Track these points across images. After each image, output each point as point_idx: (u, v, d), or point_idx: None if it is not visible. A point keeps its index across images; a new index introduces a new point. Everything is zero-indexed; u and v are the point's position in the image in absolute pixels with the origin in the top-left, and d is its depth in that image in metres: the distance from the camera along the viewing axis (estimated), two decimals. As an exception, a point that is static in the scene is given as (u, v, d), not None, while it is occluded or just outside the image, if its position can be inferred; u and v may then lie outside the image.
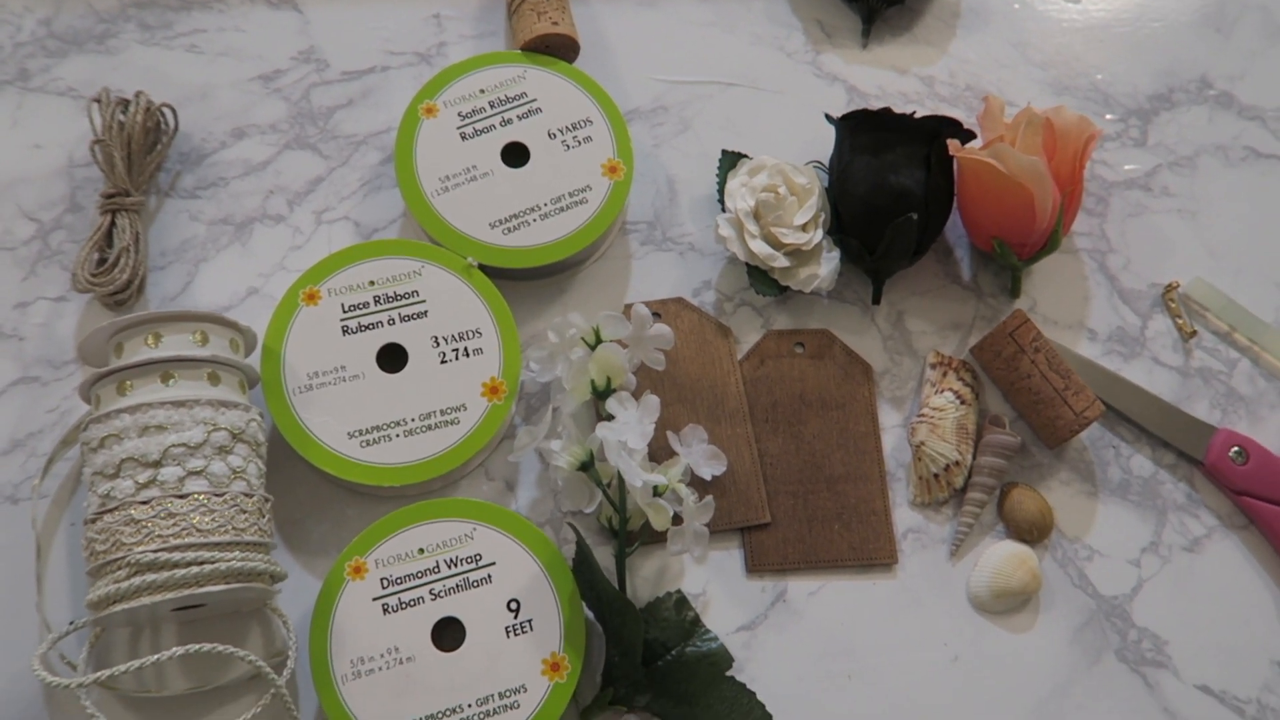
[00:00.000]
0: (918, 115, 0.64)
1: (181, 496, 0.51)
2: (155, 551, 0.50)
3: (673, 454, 0.61)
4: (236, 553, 0.52)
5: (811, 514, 0.64)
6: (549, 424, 0.60)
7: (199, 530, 0.51)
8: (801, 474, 0.64)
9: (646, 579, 0.62)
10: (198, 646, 0.51)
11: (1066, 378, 0.63)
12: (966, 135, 0.65)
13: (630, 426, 0.58)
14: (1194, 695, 0.62)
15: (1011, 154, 0.61)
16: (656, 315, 0.67)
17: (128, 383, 0.53)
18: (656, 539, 0.62)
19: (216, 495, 0.52)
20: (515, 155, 0.66)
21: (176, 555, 0.50)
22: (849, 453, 0.65)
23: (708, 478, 0.61)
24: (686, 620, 0.61)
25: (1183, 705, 0.62)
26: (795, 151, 0.69)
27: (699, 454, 0.61)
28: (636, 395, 0.61)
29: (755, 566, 0.63)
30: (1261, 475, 0.65)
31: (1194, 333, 0.69)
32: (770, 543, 0.63)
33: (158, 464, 0.51)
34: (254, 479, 0.55)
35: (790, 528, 0.63)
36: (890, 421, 0.66)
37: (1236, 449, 0.65)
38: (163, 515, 0.51)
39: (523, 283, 0.66)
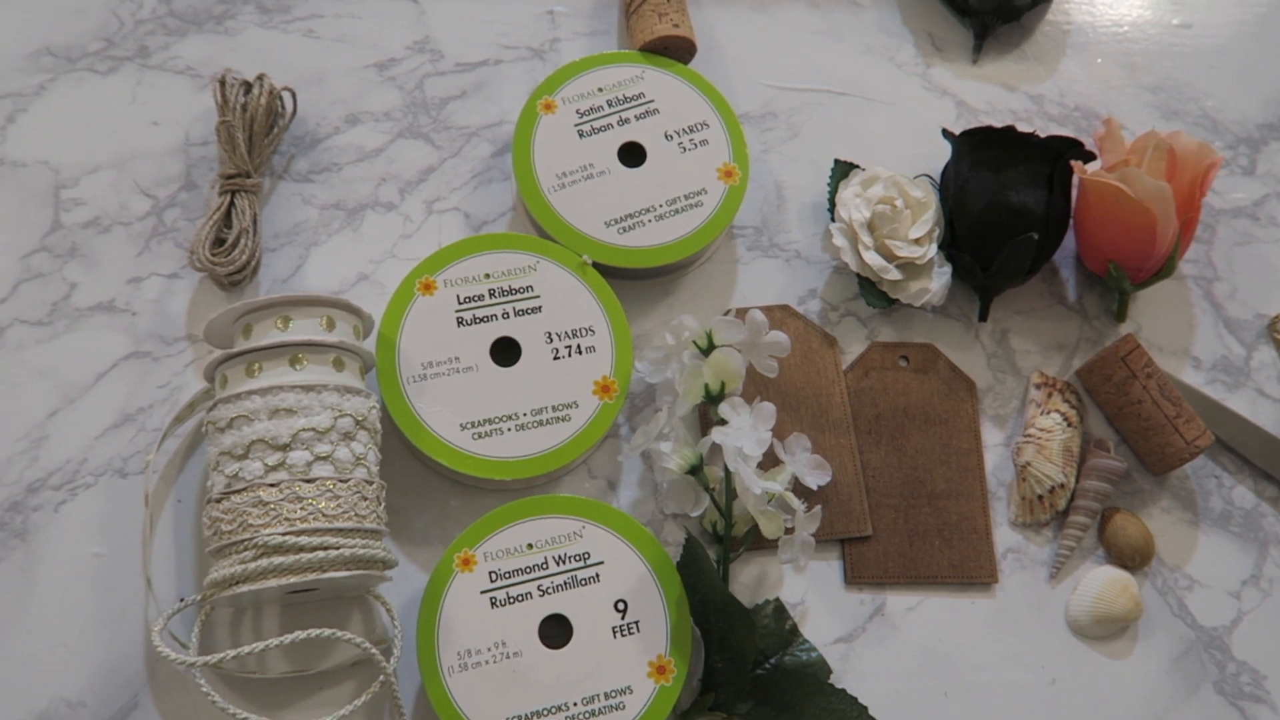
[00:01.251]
0: (1040, 135, 0.64)
1: (309, 481, 0.51)
2: (283, 534, 0.50)
3: (776, 462, 0.61)
4: (358, 539, 0.52)
5: (912, 528, 0.63)
6: (661, 425, 0.59)
7: (325, 515, 0.51)
8: (903, 488, 0.64)
9: (745, 585, 0.62)
10: (315, 632, 0.51)
11: (1178, 405, 0.63)
12: (1088, 157, 0.65)
13: (745, 433, 0.58)
14: (1291, 731, 0.62)
15: (1140, 178, 0.61)
16: (759, 322, 0.66)
17: (257, 365, 0.53)
18: (759, 545, 0.62)
19: (341, 481, 0.52)
20: (632, 155, 0.66)
21: (303, 539, 0.50)
22: (951, 469, 0.65)
23: (814, 487, 0.61)
24: (785, 629, 0.60)
25: (1279, 741, 0.61)
26: (902, 163, 0.69)
27: (804, 462, 0.61)
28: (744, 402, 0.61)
29: (855, 578, 0.62)
30: (1367, 513, 0.64)
31: (1300, 366, 0.69)
32: (870, 555, 0.63)
33: (287, 447, 0.51)
34: (373, 466, 0.55)
35: (890, 541, 0.63)
36: (992, 440, 0.66)
37: (1342, 485, 0.65)
38: (291, 499, 0.51)
39: (630, 282, 0.66)
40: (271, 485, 0.51)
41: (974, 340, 0.68)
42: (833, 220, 0.67)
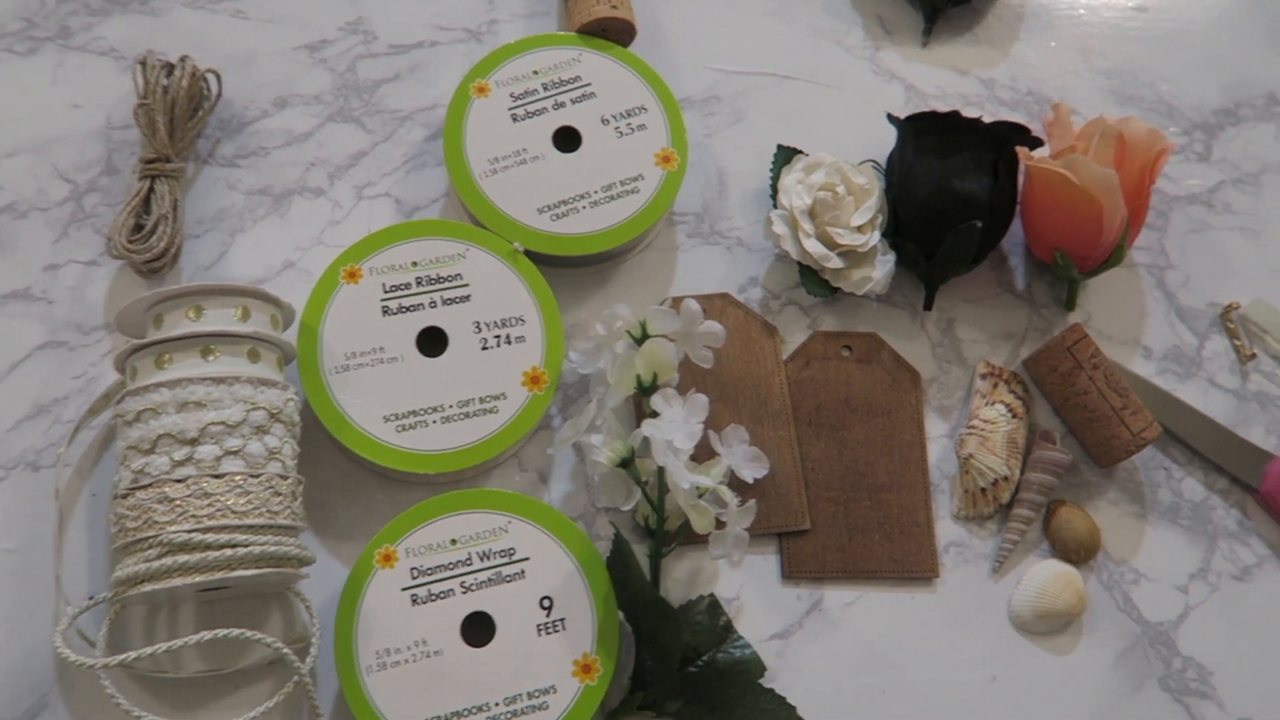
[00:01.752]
0: (986, 120, 0.63)
1: (218, 476, 0.50)
2: (189, 532, 0.48)
3: (712, 454, 0.59)
4: (269, 536, 0.51)
5: (852, 522, 0.62)
6: (591, 417, 0.58)
7: (233, 512, 0.49)
8: (843, 480, 0.63)
9: (679, 581, 0.61)
10: (224, 632, 0.50)
11: (1124, 396, 0.62)
12: (1035, 143, 0.63)
13: (677, 425, 0.57)
14: (1237, 729, 0.60)
15: (1086, 165, 0.59)
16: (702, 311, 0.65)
17: (167, 356, 0.51)
18: (692, 540, 0.60)
19: (252, 476, 0.50)
20: (567, 140, 0.64)
21: (210, 537, 0.49)
22: (893, 461, 0.63)
23: (749, 480, 0.59)
24: (719, 625, 0.59)
25: (1225, 738, 0.60)
26: (850, 149, 0.67)
27: (740, 455, 0.59)
28: (679, 392, 0.59)
29: (791, 573, 0.61)
30: (1316, 506, 0.63)
31: (1253, 355, 0.67)
32: (808, 549, 0.61)
33: (195, 441, 0.50)
34: (289, 460, 0.53)
35: (829, 535, 0.62)
36: (936, 431, 0.65)
37: (1292, 478, 0.63)
38: (198, 495, 0.49)
39: (564, 270, 0.65)
40: (178, 481, 0.49)
41: (919, 329, 0.67)
42: (775, 207, 0.65)
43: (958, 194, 0.61)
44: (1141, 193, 0.63)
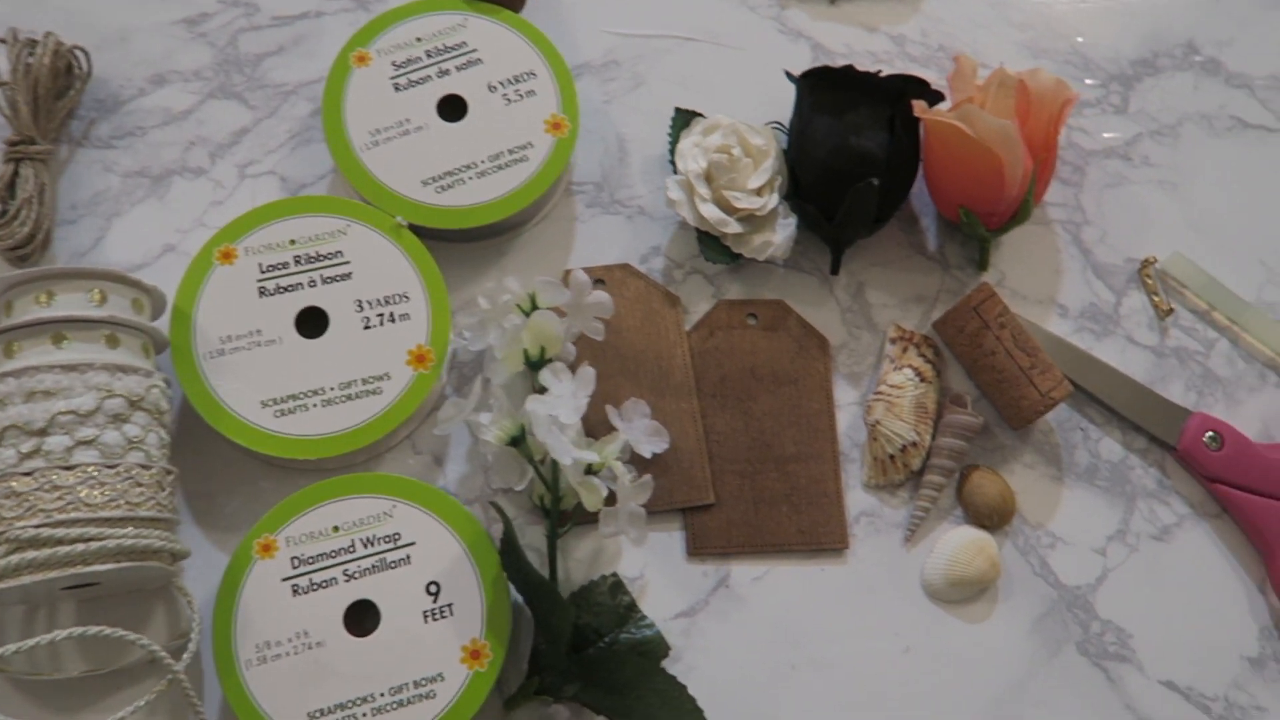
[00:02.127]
0: (883, 74, 0.60)
1: (68, 468, 0.47)
2: (37, 527, 0.46)
3: (613, 429, 0.58)
4: (129, 529, 0.49)
5: (759, 495, 0.60)
6: (479, 395, 0.56)
7: (86, 505, 0.47)
8: (750, 453, 0.61)
9: (581, 561, 0.59)
10: (95, 629, 0.48)
11: (1033, 355, 0.60)
12: (934, 96, 0.61)
13: (563, 400, 0.55)
14: (1158, 691, 0.59)
15: (980, 116, 0.57)
16: (600, 282, 0.63)
17: (15, 344, 0.49)
18: (593, 519, 0.58)
19: (108, 467, 0.48)
20: (452, 109, 0.61)
21: (60, 531, 0.46)
22: (801, 431, 0.61)
23: (648, 455, 0.57)
24: (622, 606, 0.57)
25: (1146, 702, 0.59)
26: (756, 112, 0.65)
27: (640, 430, 0.57)
28: (576, 367, 0.57)
29: (696, 549, 0.59)
30: (1236, 462, 0.61)
31: (1171, 311, 0.66)
32: (714, 525, 0.60)
33: (43, 432, 0.48)
34: (154, 449, 0.51)
35: (735, 509, 0.60)
36: (847, 399, 0.63)
37: (1211, 434, 0.62)
38: (47, 488, 0.47)
39: (459, 245, 0.62)
40: (26, 474, 0.47)
41: (828, 295, 0.65)
42: (675, 173, 0.63)
43: (855, 152, 0.59)
44: (1049, 145, 0.61)
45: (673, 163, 0.63)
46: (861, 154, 0.59)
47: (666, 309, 0.63)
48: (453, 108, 0.61)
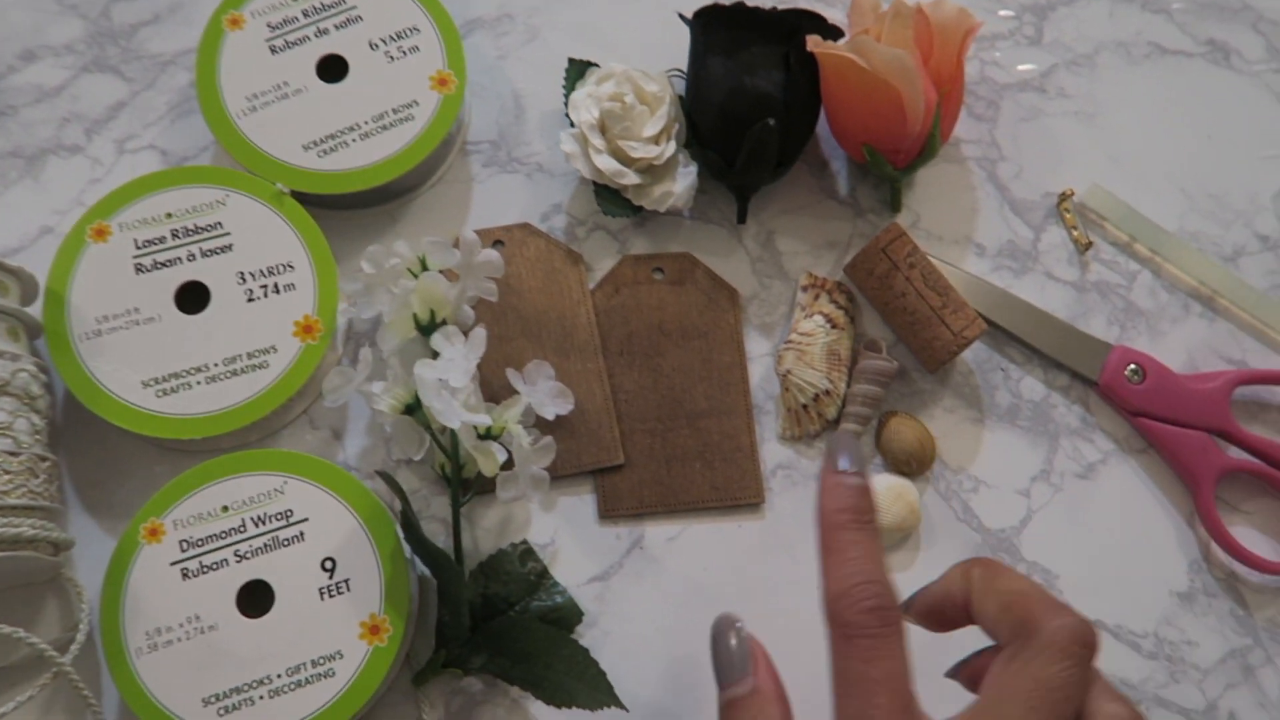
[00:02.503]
0: (777, 10, 0.58)
1: (-77, 457, 0.45)
2: (-111, 520, 0.44)
3: (515, 393, 0.56)
4: (-3, 518, 0.47)
5: (670, 453, 0.58)
6: (369, 364, 0.54)
7: (-55, 495, 0.45)
8: (659, 410, 0.59)
9: (490, 530, 0.57)
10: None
11: (944, 295, 0.58)
12: (832, 31, 0.59)
13: (454, 363, 0.53)
14: (1087, 632, 0.58)
15: (873, 47, 0.55)
16: (499, 243, 0.61)
17: None
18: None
19: (-32, 455, 0.46)
20: (333, 69, 0.59)
21: (-84, 523, 0.44)
22: (712, 386, 0.60)
23: (551, 417, 0.55)
24: (532, 573, 0.56)
25: (1074, 643, 0.57)
26: (656, 61, 0.63)
27: (544, 392, 0.56)
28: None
29: (608, 511, 0.57)
30: (1159, 394, 0.60)
31: (1090, 244, 0.64)
32: (625, 486, 0.58)
33: (-105, 422, 0.45)
34: (24, 436, 0.49)
35: (647, 469, 0.58)
36: (759, 350, 0.61)
37: (1133, 367, 0.60)
38: (-100, 479, 0.45)
39: (353, 213, 0.60)
40: (-121, 466, 0.45)
41: (737, 245, 0.63)
42: (571, 126, 0.61)
43: (751, 93, 0.57)
44: (954, 77, 0.59)
45: (568, 116, 0.61)
46: (758, 95, 0.57)
47: (569, 267, 0.61)
48: (333, 68, 0.59)
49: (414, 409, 0.54)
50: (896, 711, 0.36)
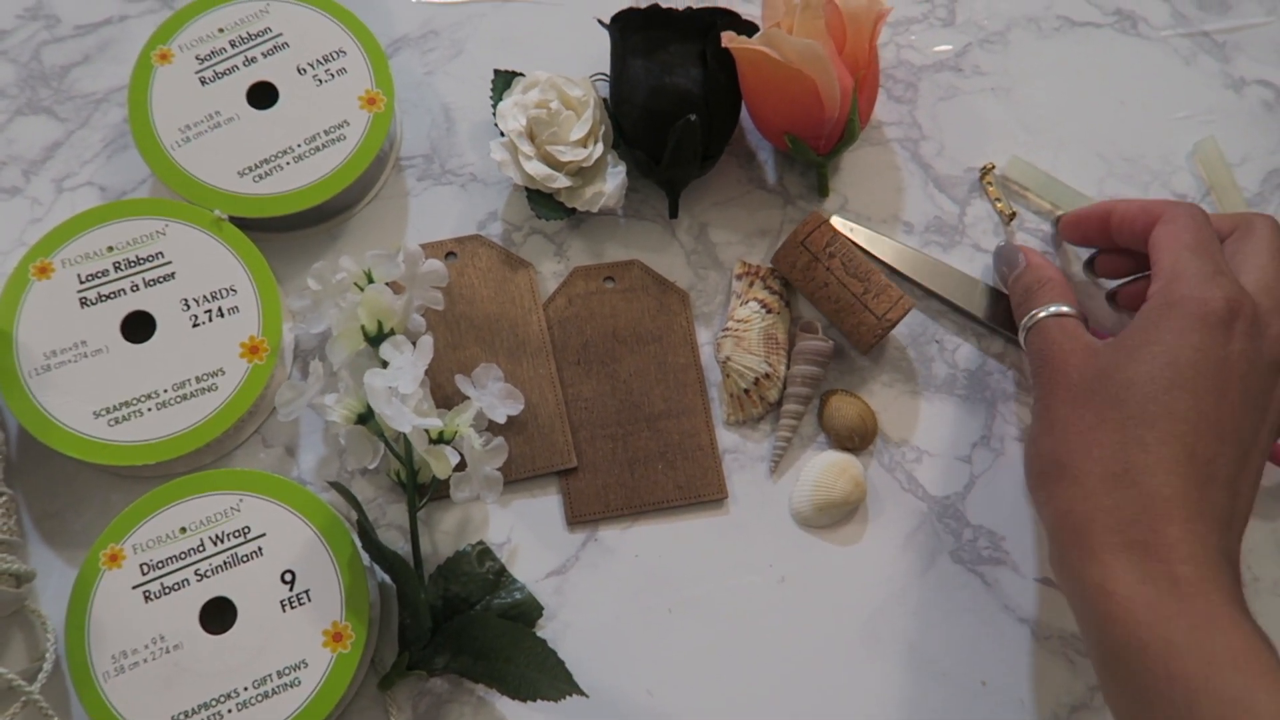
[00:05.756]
0: (692, 9, 0.60)
1: (-122, 499, 0.46)
2: None
3: (466, 399, 0.57)
4: (-43, 554, 0.48)
5: (633, 456, 0.60)
6: (320, 378, 0.55)
7: (-99, 534, 0.46)
8: (619, 415, 0.60)
9: (448, 533, 0.58)
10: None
11: (865, 280, 0.60)
12: (746, 27, 0.61)
13: (403, 370, 0.54)
14: (1035, 589, 0.59)
15: (784, 39, 0.57)
16: (452, 255, 0.62)
17: None
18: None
19: (-78, 494, 0.47)
20: (263, 96, 0.60)
21: (-126, 564, 0.45)
22: (669, 387, 0.61)
23: (502, 420, 0.57)
24: (491, 572, 0.57)
25: (1024, 600, 0.59)
26: (581, 66, 0.64)
27: (493, 394, 0.57)
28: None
29: (575, 518, 0.59)
30: (1089, 354, 0.62)
31: (1014, 214, 0.66)
32: (590, 491, 0.59)
33: None
34: (-22, 472, 0.50)
35: (611, 473, 0.59)
36: (699, 340, 0.63)
37: (1062, 330, 0.62)
38: None
39: (292, 234, 0.62)
40: None
41: (671, 239, 0.64)
42: (501, 136, 0.63)
43: (672, 91, 0.59)
44: (868, 62, 0.61)
45: (497, 125, 0.63)
46: (678, 92, 0.59)
47: (518, 275, 0.62)
48: (263, 95, 0.60)
49: (366, 418, 0.55)
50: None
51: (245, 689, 0.51)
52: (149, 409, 0.55)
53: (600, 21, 0.62)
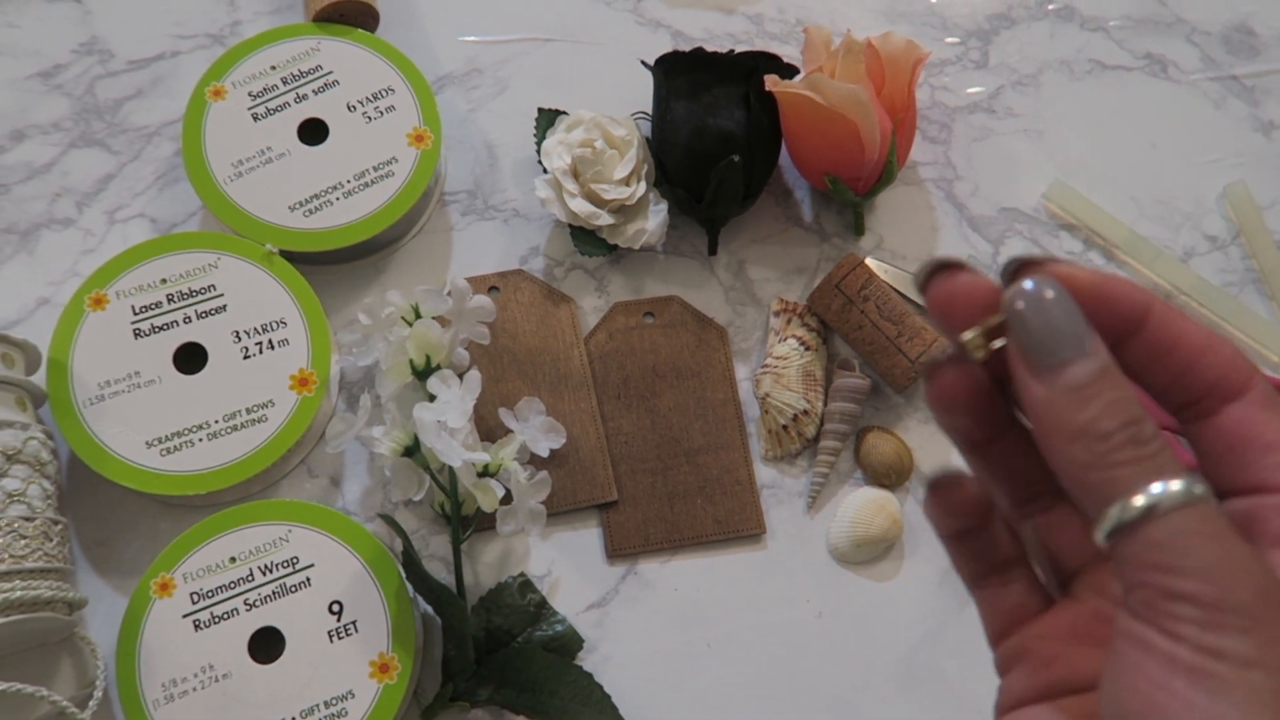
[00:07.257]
0: (735, 53, 0.61)
1: (-57, 528, 0.47)
2: (-86, 590, 0.46)
3: (509, 432, 0.58)
4: (17, 582, 0.48)
5: (672, 490, 0.60)
6: (369, 410, 0.56)
7: (-36, 563, 0.47)
8: (659, 450, 0.61)
9: (490, 565, 0.59)
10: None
11: (899, 323, 0.61)
12: (787, 70, 0.62)
13: (451, 405, 0.55)
14: (1069, 627, 0.60)
15: (828, 84, 0.58)
16: (495, 289, 0.63)
17: (-124, 411, 0.49)
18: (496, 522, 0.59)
19: (-15, 523, 0.48)
20: (313, 133, 0.62)
21: (-61, 592, 0.46)
22: (708, 422, 0.62)
23: (545, 453, 0.58)
24: (532, 604, 0.58)
25: (1058, 638, 0.60)
26: (620, 105, 0.66)
27: (535, 428, 0.58)
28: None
29: (616, 551, 0.59)
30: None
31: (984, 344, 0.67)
32: (631, 525, 0.60)
33: (-86, 495, 0.47)
34: (37, 501, 0.51)
35: (651, 507, 0.60)
36: (738, 376, 0.63)
37: (1095, 370, 0.63)
38: (-80, 550, 0.47)
39: (338, 267, 0.63)
40: (-101, 539, 0.47)
41: (710, 275, 0.65)
42: (544, 173, 0.64)
43: (715, 132, 0.60)
44: (906, 105, 0.62)
45: (540, 163, 0.64)
46: (721, 133, 0.60)
47: (559, 308, 0.63)
48: (314, 131, 0.62)
49: (413, 450, 0.56)
50: None
51: (293, 718, 0.52)
52: (200, 439, 0.55)
53: (645, 63, 0.63)
